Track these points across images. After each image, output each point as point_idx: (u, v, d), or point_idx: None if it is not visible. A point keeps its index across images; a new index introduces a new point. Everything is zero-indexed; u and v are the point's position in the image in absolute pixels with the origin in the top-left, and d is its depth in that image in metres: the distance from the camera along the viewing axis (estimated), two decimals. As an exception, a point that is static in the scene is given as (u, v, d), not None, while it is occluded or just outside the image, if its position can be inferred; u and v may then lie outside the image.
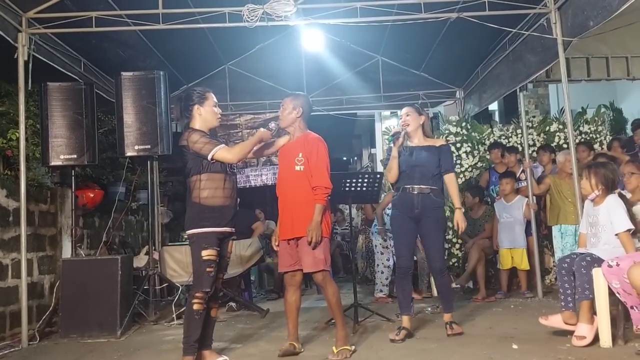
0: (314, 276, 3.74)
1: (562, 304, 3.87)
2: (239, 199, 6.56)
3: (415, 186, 4.09)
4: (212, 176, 3.53)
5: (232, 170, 3.66)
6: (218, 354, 3.69)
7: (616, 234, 3.71)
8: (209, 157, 3.50)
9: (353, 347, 3.75)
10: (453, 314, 4.20)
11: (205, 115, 3.63)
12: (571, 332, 3.71)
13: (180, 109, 3.69)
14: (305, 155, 3.70)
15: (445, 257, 6.72)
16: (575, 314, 3.77)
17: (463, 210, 4.26)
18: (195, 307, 3.44)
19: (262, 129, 3.86)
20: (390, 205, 5.99)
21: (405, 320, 4.15)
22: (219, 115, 3.73)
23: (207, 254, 3.46)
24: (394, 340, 3.95)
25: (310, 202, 3.64)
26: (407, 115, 4.19)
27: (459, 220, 4.17)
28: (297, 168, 3.71)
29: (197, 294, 3.45)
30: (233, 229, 3.66)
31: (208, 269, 3.45)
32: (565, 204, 5.58)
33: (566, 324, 3.80)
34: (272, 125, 3.78)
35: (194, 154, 3.53)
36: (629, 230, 3.68)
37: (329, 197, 3.76)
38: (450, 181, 4.20)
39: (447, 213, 6.91)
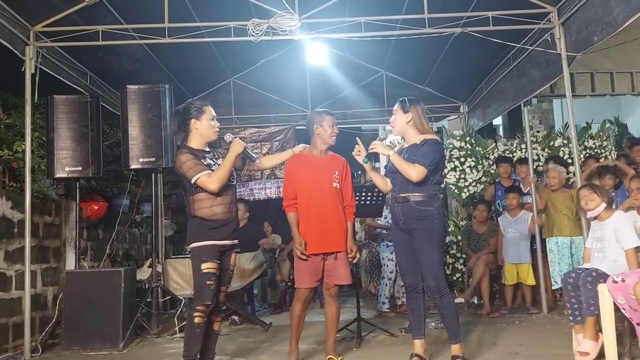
0: (333, 289, 3.84)
1: (571, 318, 3.83)
2: (248, 214, 6.62)
3: (397, 195, 3.65)
4: (208, 194, 3.49)
5: (230, 182, 3.59)
6: None
7: (625, 250, 3.67)
8: (192, 182, 3.46)
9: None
10: (462, 345, 3.61)
11: (202, 129, 3.58)
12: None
13: (177, 123, 3.66)
14: (341, 174, 3.91)
15: (448, 272, 6.77)
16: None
17: (393, 154, 3.57)
18: (196, 320, 3.44)
19: (236, 140, 3.62)
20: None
21: (418, 346, 3.65)
22: (217, 129, 3.66)
23: (207, 267, 3.44)
24: None
25: (342, 219, 3.85)
26: (394, 115, 3.77)
27: (380, 147, 3.65)
28: (335, 185, 3.85)
29: (198, 307, 3.44)
30: (235, 241, 3.64)
31: (208, 282, 3.44)
32: (559, 217, 5.56)
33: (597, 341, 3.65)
34: (228, 136, 3.73)
35: (182, 175, 3.51)
36: (637, 247, 3.66)
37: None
38: (410, 164, 3.53)
39: (451, 227, 7.01)
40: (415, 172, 3.50)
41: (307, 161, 3.91)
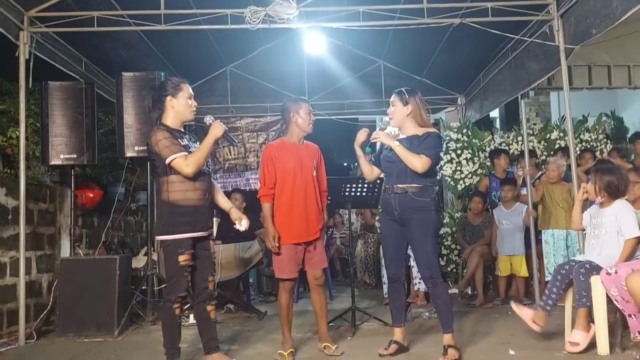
0: (321, 278, 3.90)
1: (541, 303, 3.88)
2: (245, 204, 6.60)
3: (394, 185, 3.64)
4: (182, 177, 3.36)
5: (206, 169, 3.49)
6: (228, 357, 3.62)
7: (625, 239, 3.66)
8: (167, 162, 3.32)
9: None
10: (454, 335, 3.62)
11: (178, 107, 3.44)
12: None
13: (152, 100, 3.49)
14: (317, 162, 3.96)
15: (442, 264, 6.80)
16: (545, 318, 3.79)
17: (397, 145, 3.57)
18: (177, 311, 3.41)
19: (215, 123, 3.49)
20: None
21: (397, 333, 3.79)
22: (194, 109, 3.51)
23: (183, 259, 3.36)
24: (383, 355, 3.69)
25: (320, 208, 3.92)
26: (392, 106, 3.74)
27: (384, 137, 3.64)
28: (314, 174, 3.90)
29: (175, 299, 3.39)
30: (210, 231, 3.55)
31: (185, 274, 3.39)
32: (556, 209, 5.61)
33: (533, 322, 3.82)
34: (208, 118, 3.60)
35: (156, 154, 3.37)
36: (637, 237, 3.66)
37: (329, 201, 4.05)
38: (415, 155, 3.54)
39: (446, 219, 7.03)
40: (420, 163, 3.52)
41: (289, 149, 3.88)
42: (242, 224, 3.61)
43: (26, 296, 4.70)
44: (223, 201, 3.71)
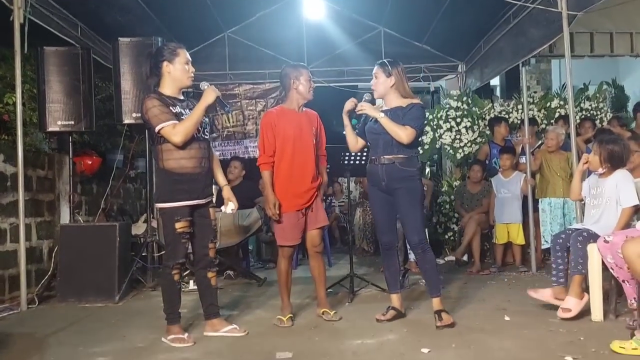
0: (317, 236, 3.92)
1: (554, 279, 3.91)
2: (245, 172, 6.59)
3: (380, 156, 3.67)
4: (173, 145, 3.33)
5: (202, 136, 3.46)
6: (228, 322, 3.67)
7: (623, 207, 3.69)
8: (156, 130, 3.30)
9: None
10: (442, 300, 3.69)
11: (174, 73, 3.40)
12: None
13: (149, 66, 3.45)
14: (316, 129, 3.96)
15: (440, 231, 6.85)
16: (566, 289, 3.81)
17: (383, 117, 3.59)
18: (175, 277, 3.45)
19: (209, 89, 3.42)
20: None
21: (394, 299, 3.86)
22: (192, 75, 3.47)
23: (180, 226, 3.37)
24: (380, 320, 3.76)
25: (317, 174, 3.92)
26: (375, 78, 3.74)
27: (369, 108, 3.64)
28: (314, 141, 3.90)
29: (174, 266, 3.42)
30: (209, 198, 3.54)
31: (183, 240, 3.41)
32: (554, 178, 5.65)
33: (556, 298, 3.85)
34: (203, 84, 3.55)
35: (147, 122, 3.35)
36: (635, 206, 3.68)
37: (328, 170, 4.09)
38: (400, 126, 3.57)
39: (445, 187, 7.05)
40: (406, 134, 3.57)
41: (288, 116, 3.85)
42: (228, 207, 3.64)
43: (27, 262, 4.73)
44: (219, 176, 3.72)
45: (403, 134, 3.56)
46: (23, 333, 3.78)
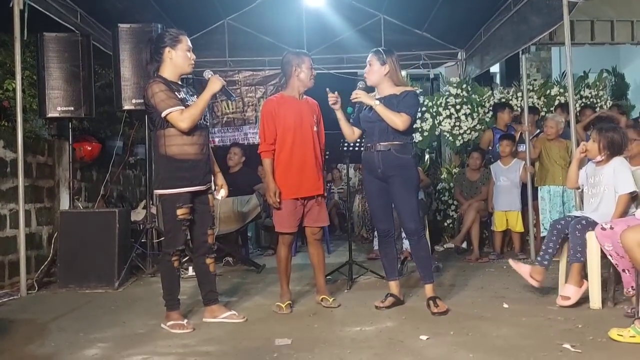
0: (319, 233, 3.97)
1: (539, 258, 3.96)
2: (244, 158, 6.59)
3: (376, 144, 3.69)
4: (179, 131, 3.34)
5: (204, 123, 3.47)
6: (227, 309, 3.69)
7: (619, 195, 3.70)
8: (162, 115, 3.29)
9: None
10: (435, 287, 3.75)
11: (176, 59, 3.39)
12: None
13: (150, 51, 3.43)
14: (317, 117, 3.92)
15: (439, 219, 6.87)
16: (543, 272, 3.87)
17: (378, 104, 3.61)
18: (175, 264, 3.46)
19: (214, 78, 3.44)
20: None
21: (393, 286, 3.88)
22: (193, 62, 3.47)
23: (182, 212, 3.38)
24: (379, 307, 3.78)
25: (320, 163, 3.91)
26: (369, 66, 3.72)
27: (364, 96, 3.66)
28: (315, 129, 3.88)
29: (173, 252, 3.43)
30: (208, 185, 3.55)
31: (183, 227, 3.43)
32: (553, 166, 5.67)
33: (531, 276, 3.91)
34: (207, 73, 3.55)
35: (152, 107, 3.34)
36: (631, 193, 3.69)
37: (327, 157, 4.07)
38: (396, 113, 3.59)
39: (444, 174, 7.05)
40: (401, 120, 3.59)
41: (289, 104, 3.85)
42: (220, 193, 3.67)
43: (27, 248, 4.75)
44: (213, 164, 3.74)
45: (399, 120, 3.59)
46: (24, 319, 3.81)
